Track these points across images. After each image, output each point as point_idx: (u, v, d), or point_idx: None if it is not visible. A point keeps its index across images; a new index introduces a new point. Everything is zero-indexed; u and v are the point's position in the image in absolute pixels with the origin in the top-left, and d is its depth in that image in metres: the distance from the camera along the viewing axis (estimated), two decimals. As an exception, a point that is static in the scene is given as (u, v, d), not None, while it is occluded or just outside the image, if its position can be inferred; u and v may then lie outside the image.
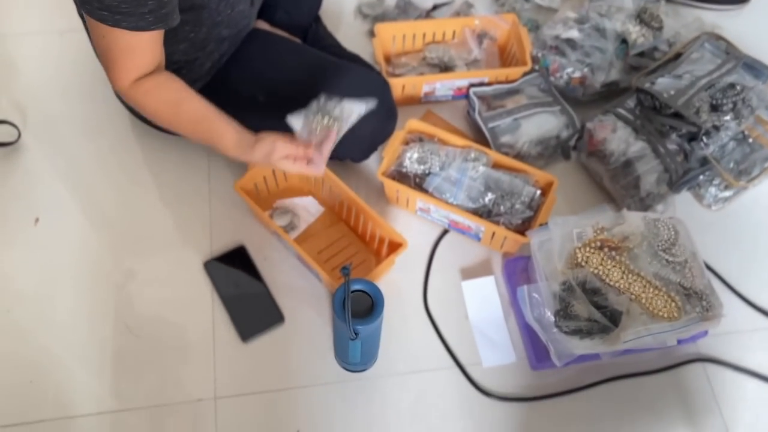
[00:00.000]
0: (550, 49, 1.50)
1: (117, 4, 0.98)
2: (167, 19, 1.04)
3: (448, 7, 1.63)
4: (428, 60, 1.54)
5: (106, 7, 0.98)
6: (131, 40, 1.04)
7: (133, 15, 1.00)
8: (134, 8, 0.99)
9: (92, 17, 1.01)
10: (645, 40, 1.49)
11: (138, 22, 1.01)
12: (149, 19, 1.02)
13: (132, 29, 1.02)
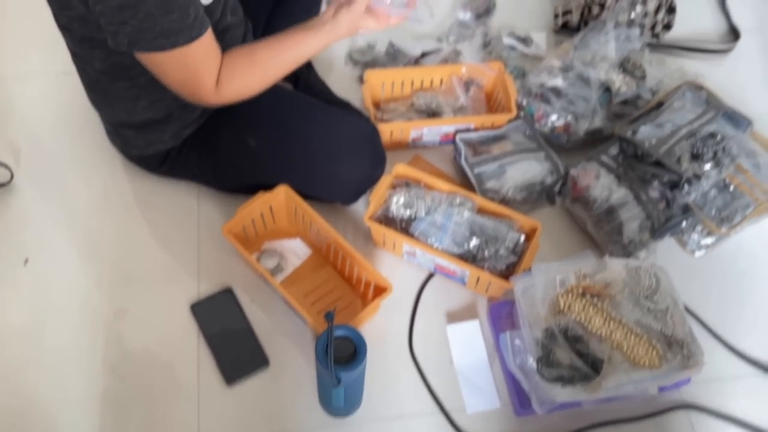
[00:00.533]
0: (535, 97, 1.54)
1: (168, 26, 1.02)
2: (206, 19, 1.08)
3: (436, 54, 1.67)
4: (416, 106, 1.57)
5: (160, 33, 1.02)
6: (192, 52, 1.07)
7: (184, 29, 1.04)
8: (183, 22, 1.03)
9: (150, 50, 1.04)
10: (628, 88, 1.53)
11: (191, 32, 1.05)
12: (198, 26, 1.06)
13: (189, 42, 1.05)
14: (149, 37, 1.02)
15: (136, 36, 1.02)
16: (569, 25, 1.74)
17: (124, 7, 0.99)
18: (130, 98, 1.25)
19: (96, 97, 1.32)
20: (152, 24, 1.01)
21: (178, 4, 1.01)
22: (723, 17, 1.84)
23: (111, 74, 1.20)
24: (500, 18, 1.78)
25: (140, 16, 1.00)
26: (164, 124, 1.31)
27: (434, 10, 1.79)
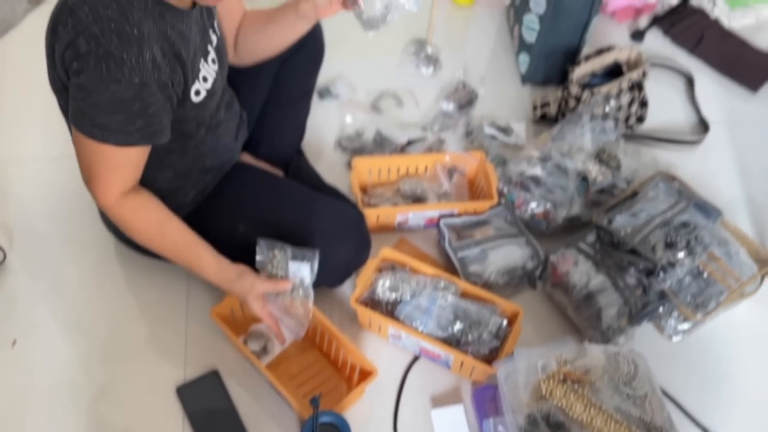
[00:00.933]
0: (516, 185, 1.60)
1: (107, 122, 1.06)
2: (154, 136, 1.12)
3: (421, 142, 1.74)
4: (402, 191, 1.63)
5: (97, 125, 1.06)
6: (117, 155, 1.11)
7: (121, 132, 1.08)
8: (123, 126, 1.07)
9: (82, 133, 1.08)
10: (604, 178, 1.60)
11: (126, 138, 1.08)
12: (136, 136, 1.09)
13: (119, 144, 1.09)
14: (86, 122, 1.07)
15: (76, 114, 1.07)
16: (547, 116, 1.83)
17: (81, 87, 1.04)
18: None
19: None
20: (94, 113, 1.06)
21: (129, 109, 1.06)
22: (693, 110, 1.94)
23: None
24: (482, 109, 1.87)
25: (89, 102, 1.05)
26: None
27: (419, 101, 1.88)
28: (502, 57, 2.02)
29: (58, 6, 1.06)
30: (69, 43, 1.02)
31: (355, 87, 1.89)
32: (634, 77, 1.75)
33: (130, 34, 1.02)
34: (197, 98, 1.20)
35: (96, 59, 1.01)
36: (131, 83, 1.03)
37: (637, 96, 1.78)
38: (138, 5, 1.05)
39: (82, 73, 1.02)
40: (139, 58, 1.03)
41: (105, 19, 1.01)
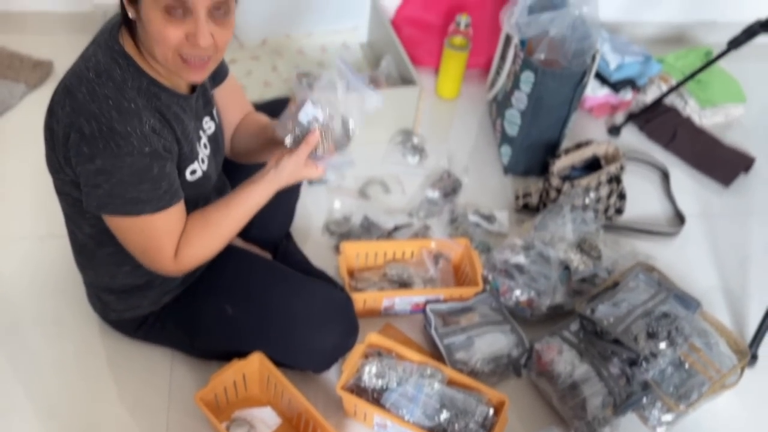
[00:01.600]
0: (500, 272, 1.63)
1: (137, 195, 1.08)
2: (179, 192, 1.15)
3: (407, 228, 1.78)
4: (389, 276, 1.65)
5: (129, 201, 1.08)
6: (158, 221, 1.12)
7: (153, 199, 1.10)
8: (153, 192, 1.09)
9: (118, 214, 1.10)
10: (585, 267, 1.64)
11: (158, 203, 1.11)
12: (166, 198, 1.12)
13: (156, 211, 1.11)
14: (118, 202, 1.09)
15: (105, 200, 1.09)
16: (529, 206, 1.89)
17: (100, 171, 1.06)
18: (115, 263, 1.30)
19: (82, 259, 1.37)
20: (123, 191, 1.08)
21: (151, 176, 1.08)
22: (669, 203, 2.02)
23: (99, 239, 1.25)
24: (466, 197, 1.93)
25: (113, 182, 1.07)
26: (145, 290, 1.35)
27: (405, 188, 1.93)
28: (485, 148, 2.10)
29: (57, 88, 1.10)
30: (70, 125, 1.05)
31: (343, 174, 1.94)
32: (612, 171, 1.82)
33: (128, 108, 1.06)
34: (192, 177, 1.22)
35: (104, 139, 1.03)
36: (143, 152, 1.06)
37: (616, 188, 1.85)
38: (132, 85, 1.09)
39: (97, 157, 1.05)
40: (142, 129, 1.06)
41: (102, 97, 1.05)
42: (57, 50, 2.12)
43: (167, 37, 1.03)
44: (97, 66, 1.07)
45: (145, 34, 1.06)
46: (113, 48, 1.09)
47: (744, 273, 1.84)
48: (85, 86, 1.05)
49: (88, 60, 1.09)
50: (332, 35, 2.33)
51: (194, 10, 1.02)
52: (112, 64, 1.08)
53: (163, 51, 1.05)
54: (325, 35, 2.33)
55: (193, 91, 1.22)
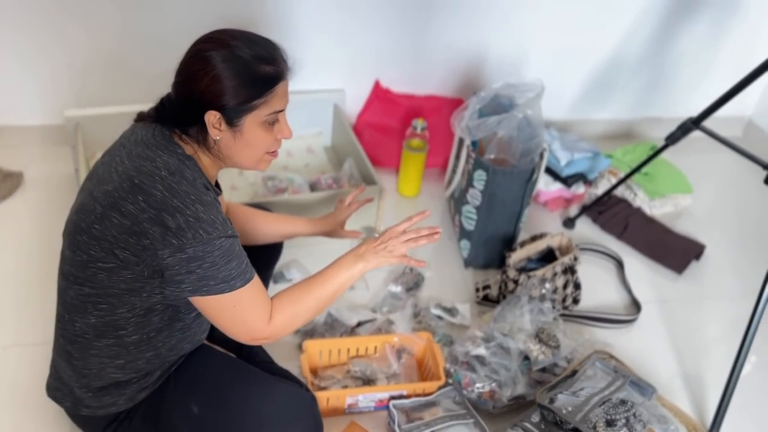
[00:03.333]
0: (462, 365, 1.66)
1: (228, 273, 1.17)
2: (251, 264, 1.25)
3: (371, 323, 1.81)
4: (352, 373, 1.66)
5: (222, 280, 1.17)
6: (248, 292, 1.22)
7: (242, 273, 1.20)
8: (240, 267, 1.20)
9: (212, 295, 1.18)
10: (545, 357, 1.67)
11: (245, 275, 1.21)
12: (250, 270, 1.23)
13: (246, 284, 1.21)
14: (212, 283, 1.17)
15: (199, 283, 1.17)
16: (490, 297, 1.94)
17: (192, 258, 1.15)
18: (110, 355, 1.30)
19: (74, 349, 1.33)
20: (216, 272, 1.17)
21: (236, 253, 1.20)
22: (625, 291, 2.08)
23: (101, 330, 1.27)
24: (428, 291, 1.98)
25: (205, 266, 1.16)
26: (124, 387, 1.34)
27: (369, 284, 1.98)
28: (446, 243, 2.17)
29: (120, 185, 1.17)
30: (149, 220, 1.13)
31: (307, 271, 1.98)
32: (566, 261, 1.89)
33: (208, 201, 1.18)
34: None
35: (192, 229, 1.14)
36: (227, 234, 1.18)
37: (571, 279, 1.91)
38: (200, 182, 1.21)
39: (187, 247, 1.14)
40: (221, 216, 1.19)
41: (183, 193, 1.16)
42: (28, 161, 2.19)
43: (268, 144, 1.26)
44: (168, 166, 1.18)
45: (237, 146, 1.23)
46: (176, 151, 1.22)
47: (700, 358, 1.89)
48: (161, 184, 1.16)
49: (154, 161, 1.19)
50: (297, 140, 2.44)
51: (284, 113, 1.25)
52: (180, 164, 1.20)
53: (258, 154, 1.26)
54: (291, 140, 2.41)
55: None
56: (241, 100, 1.18)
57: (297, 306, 1.31)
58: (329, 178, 2.20)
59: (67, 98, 2.19)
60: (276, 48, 1.22)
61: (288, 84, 1.23)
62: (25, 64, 2.14)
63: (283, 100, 1.23)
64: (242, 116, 1.20)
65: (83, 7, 2.05)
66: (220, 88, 1.17)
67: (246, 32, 1.23)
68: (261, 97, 1.18)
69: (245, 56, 1.18)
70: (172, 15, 2.11)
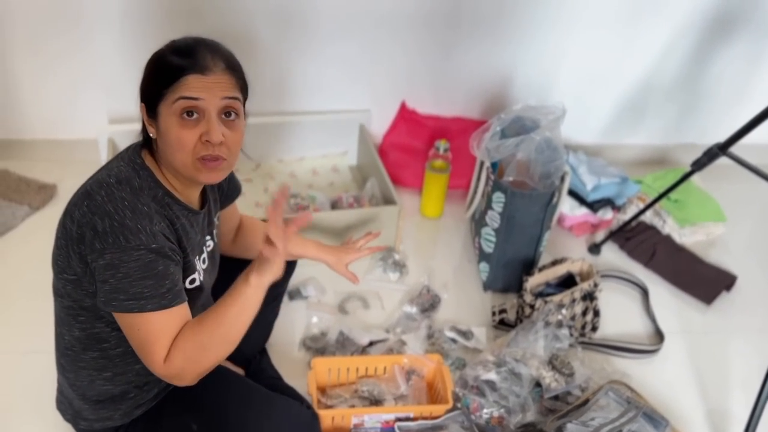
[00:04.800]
0: (471, 389, 1.63)
1: (140, 291, 1.12)
2: (181, 294, 1.18)
3: (382, 343, 1.80)
4: (360, 393, 1.65)
5: (132, 296, 1.12)
6: (158, 320, 1.14)
7: (155, 296, 1.13)
8: (155, 290, 1.13)
9: (121, 311, 1.13)
10: (557, 384, 1.63)
11: (161, 301, 1.14)
12: (169, 297, 1.15)
13: (157, 310, 1.14)
14: (122, 298, 1.13)
15: (111, 296, 1.13)
16: (506, 321, 1.91)
17: (108, 266, 1.12)
18: (96, 368, 1.32)
19: (65, 362, 1.38)
20: (127, 286, 1.12)
21: (155, 272, 1.13)
22: (649, 320, 2.02)
23: (85, 342, 1.29)
24: (445, 313, 1.96)
25: (118, 276, 1.12)
26: (119, 402, 1.36)
27: (384, 303, 1.97)
28: (466, 265, 2.15)
29: (77, 192, 1.19)
30: (86, 224, 1.13)
31: (324, 289, 1.99)
32: (585, 288, 1.85)
33: (141, 210, 1.14)
34: (190, 286, 1.28)
35: (114, 234, 1.10)
36: (150, 248, 1.12)
37: (590, 306, 1.86)
38: (148, 193, 1.18)
39: (106, 252, 1.11)
40: (152, 228, 1.13)
41: (119, 199, 1.13)
42: (62, 174, 2.27)
43: (184, 140, 1.15)
44: (119, 174, 1.17)
45: (164, 146, 1.18)
46: (135, 161, 1.21)
47: (724, 393, 1.81)
48: (105, 190, 1.14)
49: (110, 170, 1.19)
50: (323, 159, 2.46)
51: (206, 112, 1.14)
52: (133, 173, 1.19)
53: (181, 156, 1.16)
54: (316, 159, 2.46)
55: (202, 207, 1.32)
56: (151, 90, 1.16)
57: (196, 343, 1.16)
58: (350, 197, 2.21)
59: (101, 113, 2.26)
60: (201, 45, 1.17)
61: (217, 81, 1.15)
62: (59, 80, 2.22)
63: (197, 91, 1.13)
64: (157, 105, 1.16)
65: (116, 23, 2.13)
66: (142, 80, 1.19)
67: (201, 37, 1.20)
68: (168, 86, 1.14)
69: (163, 48, 1.18)
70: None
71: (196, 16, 2.13)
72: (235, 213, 1.58)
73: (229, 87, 1.17)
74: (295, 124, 2.37)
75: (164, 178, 1.23)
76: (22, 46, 2.14)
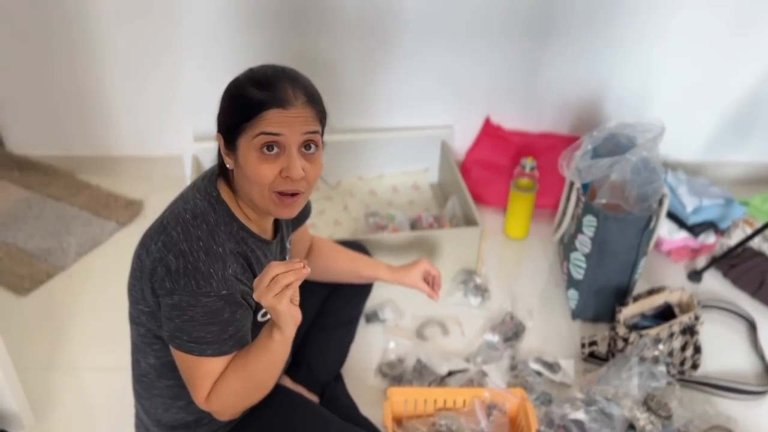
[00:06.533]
0: (558, 429, 1.52)
1: (203, 336, 1.12)
2: (243, 340, 1.17)
3: (462, 374, 1.71)
4: (437, 426, 1.57)
5: (194, 340, 1.12)
6: (213, 364, 1.15)
7: (216, 342, 1.13)
8: (218, 336, 1.13)
9: (181, 350, 1.14)
10: (653, 428, 1.50)
11: (221, 348, 1.14)
12: (229, 344, 1.15)
13: (216, 355, 1.14)
14: (184, 338, 1.13)
15: (174, 333, 1.13)
16: (597, 354, 1.78)
17: (175, 306, 1.11)
18: (171, 396, 1.32)
19: (140, 388, 1.39)
20: (191, 328, 1.12)
21: (221, 319, 1.12)
22: (757, 357, 1.84)
23: (160, 371, 1.29)
24: (529, 342, 1.85)
25: (184, 318, 1.11)
26: (193, 428, 1.35)
27: (465, 330, 1.88)
28: (553, 291, 2.03)
29: (154, 224, 1.19)
30: (159, 260, 1.12)
31: (402, 312, 1.92)
32: (685, 321, 1.70)
33: (216, 252, 1.12)
34: (263, 319, 1.27)
35: (186, 276, 1.09)
36: (219, 294, 1.11)
37: (690, 341, 1.71)
38: (225, 229, 1.16)
39: (175, 293, 1.10)
40: (224, 272, 1.12)
41: (194, 238, 1.12)
42: (149, 190, 2.32)
43: (263, 175, 1.12)
44: (195, 209, 1.16)
45: (241, 179, 1.16)
46: (210, 194, 1.19)
47: None
48: (181, 226, 1.13)
49: (187, 202, 1.18)
50: (403, 177, 2.41)
51: (287, 146, 1.11)
52: (209, 208, 1.17)
53: (259, 189, 1.14)
54: (397, 177, 2.41)
55: (275, 236, 1.30)
56: (230, 122, 1.14)
57: (230, 390, 1.17)
58: (430, 217, 2.14)
59: (187, 131, 2.29)
60: (281, 77, 1.13)
61: (299, 115, 1.11)
62: (148, 98, 2.27)
63: (279, 126, 1.10)
64: (236, 138, 1.13)
65: (208, 44, 2.15)
66: (219, 110, 1.17)
67: (283, 66, 1.16)
68: (248, 120, 1.11)
69: (241, 78, 1.15)
70: (283, 50, 2.16)
71: (277, 32, 2.13)
72: (305, 235, 1.55)
73: (309, 120, 1.13)
74: (376, 141, 2.33)
75: (239, 209, 1.21)
76: (113, 63, 2.19)
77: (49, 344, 1.82)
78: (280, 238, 1.33)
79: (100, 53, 2.17)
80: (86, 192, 2.30)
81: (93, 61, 2.18)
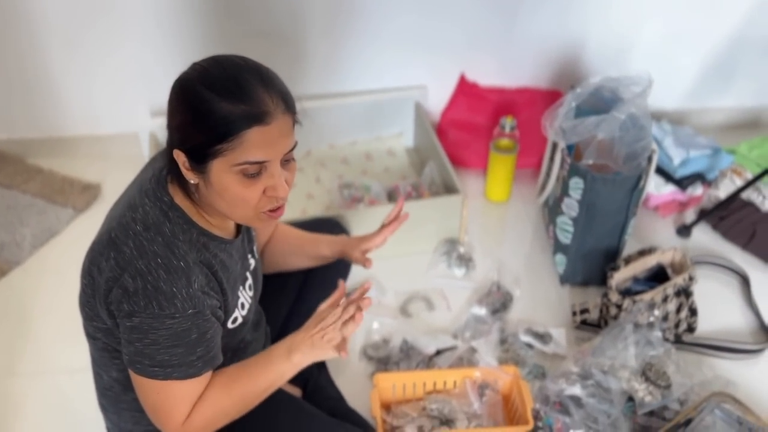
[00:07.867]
0: (554, 406, 1.46)
1: (168, 359, 1.01)
2: (214, 360, 1.08)
3: (451, 352, 1.64)
4: (429, 411, 1.50)
5: (158, 364, 1.02)
6: (183, 388, 1.05)
7: (183, 365, 1.03)
8: (184, 358, 1.02)
9: (143, 375, 1.03)
10: (653, 398, 1.44)
11: (188, 370, 1.04)
12: (198, 365, 1.05)
13: (183, 378, 1.04)
14: (146, 363, 1.02)
15: (135, 358, 1.03)
16: (589, 321, 1.71)
17: (135, 329, 1.01)
18: (139, 408, 1.22)
19: (106, 402, 1.30)
20: (154, 352, 1.01)
21: (187, 340, 1.02)
22: (752, 313, 1.78)
23: (125, 384, 1.19)
24: (518, 313, 1.77)
25: (146, 342, 1.01)
26: None
27: (450, 303, 1.80)
28: (539, 256, 1.95)
29: (101, 238, 1.06)
30: (113, 279, 1.01)
31: (384, 290, 1.83)
32: (679, 283, 1.63)
33: (177, 267, 1.01)
34: (233, 325, 1.17)
35: (146, 298, 0.99)
36: (186, 315, 1.01)
37: (685, 302, 1.65)
38: (183, 238, 1.04)
39: (135, 315, 1.00)
40: (189, 289, 1.01)
41: (151, 253, 1.00)
42: (106, 172, 2.17)
43: (248, 198, 1.01)
44: (145, 219, 1.03)
45: (214, 197, 1.03)
46: (162, 199, 1.05)
47: None
48: (132, 240, 1.01)
49: (135, 210, 1.05)
50: (377, 142, 2.28)
51: (270, 167, 1.01)
52: (161, 217, 1.04)
53: (243, 211, 1.04)
54: (370, 143, 2.28)
55: (239, 233, 1.19)
56: (197, 141, 0.97)
57: (217, 408, 1.10)
58: (408, 186, 2.03)
59: (143, 107, 2.13)
60: (251, 81, 0.96)
61: (281, 130, 0.98)
62: (99, 75, 2.10)
63: (262, 150, 0.97)
64: (206, 159, 0.98)
65: (160, 17, 1.98)
66: (178, 122, 1.00)
67: (243, 61, 1.00)
68: (222, 142, 0.96)
69: (198, 83, 0.96)
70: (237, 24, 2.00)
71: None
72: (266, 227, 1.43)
73: (290, 133, 1.01)
74: (346, 106, 2.19)
75: (197, 214, 1.08)
76: (59, 42, 2.01)
77: (8, 348, 1.70)
78: (245, 230, 1.22)
79: (41, 28, 1.98)
80: (38, 177, 2.15)
81: (36, 37, 2.00)
